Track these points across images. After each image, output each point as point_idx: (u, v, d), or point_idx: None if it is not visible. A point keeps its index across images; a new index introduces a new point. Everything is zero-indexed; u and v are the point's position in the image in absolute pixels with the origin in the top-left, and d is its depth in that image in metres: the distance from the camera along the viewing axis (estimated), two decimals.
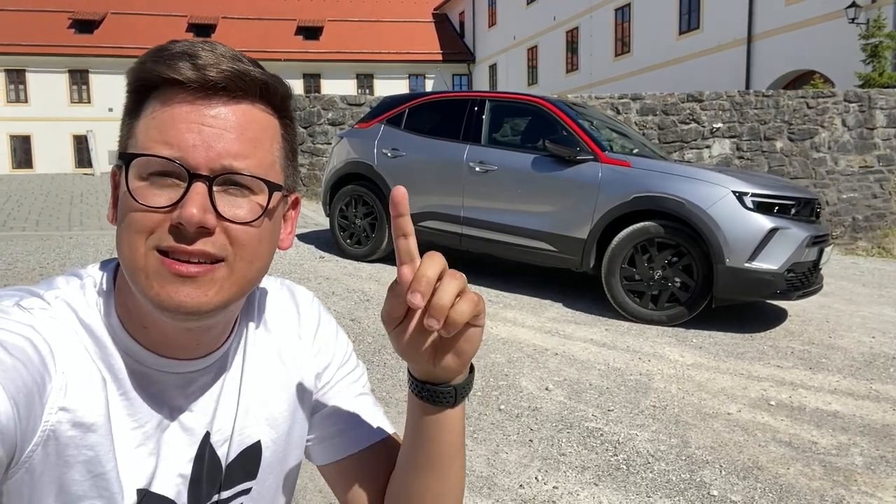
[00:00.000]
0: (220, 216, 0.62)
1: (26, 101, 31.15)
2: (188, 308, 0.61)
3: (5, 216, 8.90)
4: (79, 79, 31.62)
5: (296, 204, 0.75)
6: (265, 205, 0.65)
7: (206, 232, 0.61)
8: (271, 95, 0.67)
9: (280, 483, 0.82)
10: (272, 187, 0.65)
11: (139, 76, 0.64)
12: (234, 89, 0.63)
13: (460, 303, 0.60)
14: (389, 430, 0.86)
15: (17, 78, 31.03)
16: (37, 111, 30.93)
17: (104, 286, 0.69)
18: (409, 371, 0.71)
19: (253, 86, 0.64)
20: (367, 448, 0.83)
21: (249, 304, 0.80)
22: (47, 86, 31.14)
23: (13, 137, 31.00)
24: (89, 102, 31.39)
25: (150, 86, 0.64)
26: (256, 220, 0.64)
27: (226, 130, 0.62)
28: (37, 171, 28.32)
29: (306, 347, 0.83)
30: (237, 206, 0.63)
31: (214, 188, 0.61)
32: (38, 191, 12.21)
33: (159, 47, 0.64)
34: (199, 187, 0.60)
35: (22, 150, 31.18)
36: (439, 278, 0.60)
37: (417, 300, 0.58)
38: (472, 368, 0.71)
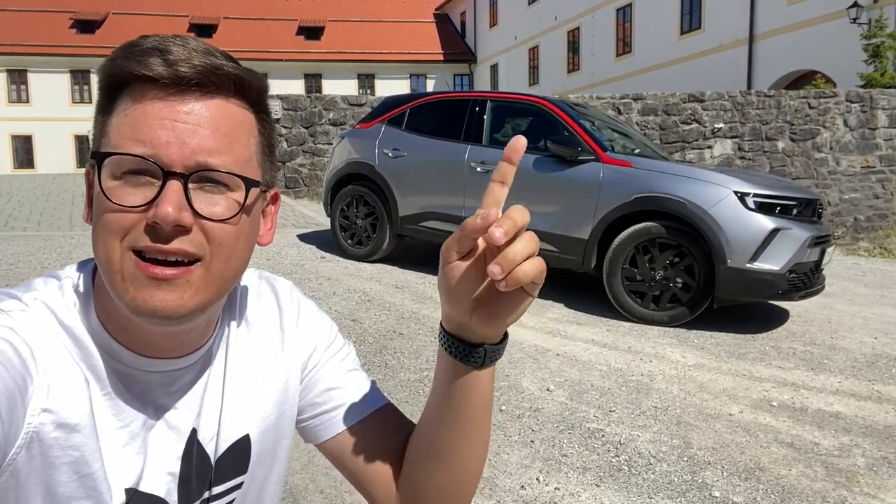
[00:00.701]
0: (196, 214, 0.61)
1: (28, 101, 31.20)
2: (164, 313, 0.61)
3: (7, 216, 8.91)
4: (80, 79, 31.67)
5: (275, 199, 0.74)
6: (242, 201, 0.64)
7: (182, 230, 0.60)
8: (246, 90, 0.65)
9: (270, 475, 0.82)
10: (249, 183, 0.64)
11: (110, 73, 0.63)
12: (207, 84, 0.62)
13: (528, 263, 0.58)
14: (385, 399, 0.87)
15: (18, 78, 31.08)
16: (38, 111, 30.97)
17: (82, 287, 0.68)
18: (441, 325, 0.69)
19: (226, 80, 0.63)
20: (367, 416, 0.83)
21: (231, 300, 0.79)
22: (49, 86, 31.19)
23: (15, 137, 31.05)
24: (91, 102, 31.35)
25: (121, 83, 0.62)
26: (234, 217, 0.63)
27: (199, 126, 0.61)
28: (38, 171, 28.35)
29: (289, 338, 0.83)
30: (214, 204, 0.62)
31: (190, 185, 0.60)
32: (39, 191, 12.22)
33: (129, 43, 0.63)
34: (174, 185, 0.59)
35: (23, 151, 31.22)
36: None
37: (499, 234, 0.56)
38: (506, 335, 0.69)
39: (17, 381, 0.57)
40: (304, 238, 7.24)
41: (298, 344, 0.83)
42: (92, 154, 0.63)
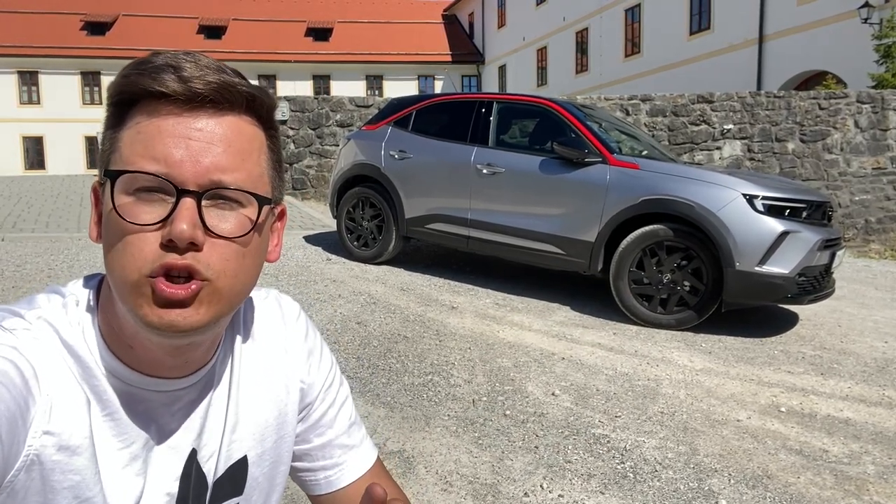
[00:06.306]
0: (208, 231, 0.61)
1: (39, 102, 31.41)
2: (179, 327, 0.61)
3: (15, 217, 8.96)
4: (91, 80, 31.86)
5: (282, 215, 0.74)
6: (255, 219, 0.64)
7: (195, 247, 0.60)
8: (257, 107, 0.66)
9: (266, 497, 0.82)
10: (262, 201, 0.65)
11: (122, 89, 0.63)
12: (220, 101, 0.62)
13: None
14: (375, 454, 0.91)
15: (30, 79, 31.30)
16: (49, 112, 31.17)
17: (87, 305, 0.68)
18: None
19: (239, 97, 0.63)
20: (360, 477, 0.87)
21: (236, 317, 0.79)
22: (60, 87, 31.38)
23: (26, 139, 31.26)
24: (101, 104, 31.41)
25: (132, 99, 0.62)
26: (246, 234, 0.63)
27: (212, 144, 0.61)
28: (49, 172, 28.55)
29: (292, 361, 0.83)
30: (225, 221, 0.62)
31: (203, 203, 0.60)
32: (48, 192, 12.29)
33: (141, 60, 0.63)
34: (188, 203, 0.59)
35: (34, 152, 31.44)
36: None
37: None
38: None
39: (18, 403, 0.57)
40: (310, 240, 7.23)
41: (300, 371, 0.83)
42: (105, 172, 0.63)
